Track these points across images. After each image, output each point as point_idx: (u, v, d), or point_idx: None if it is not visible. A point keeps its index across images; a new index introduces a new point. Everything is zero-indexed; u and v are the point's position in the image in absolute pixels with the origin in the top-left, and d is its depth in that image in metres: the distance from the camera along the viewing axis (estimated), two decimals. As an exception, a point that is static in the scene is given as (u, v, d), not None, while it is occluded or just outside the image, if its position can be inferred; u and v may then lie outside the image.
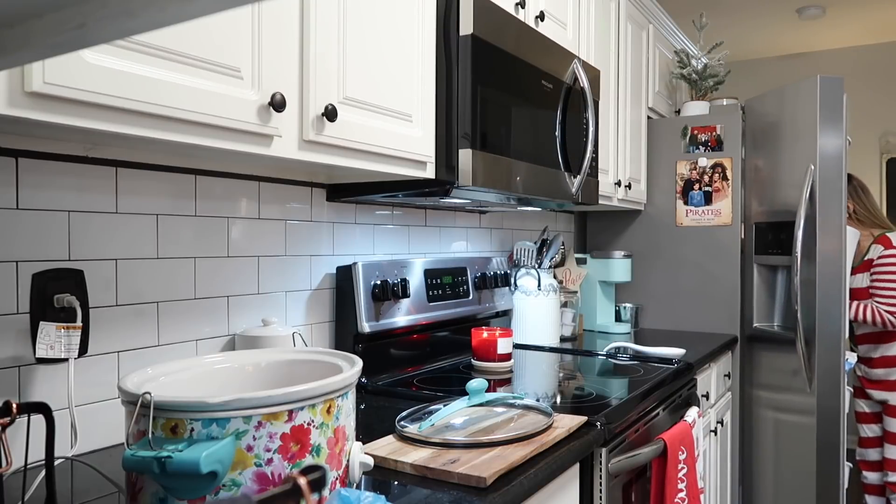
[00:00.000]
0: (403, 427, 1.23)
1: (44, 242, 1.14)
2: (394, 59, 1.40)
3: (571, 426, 1.31)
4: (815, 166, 2.48)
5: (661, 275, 2.93)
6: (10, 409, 0.84)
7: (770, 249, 2.69)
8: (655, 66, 3.02)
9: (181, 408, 0.77)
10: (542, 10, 1.98)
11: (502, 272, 2.24)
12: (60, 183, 1.16)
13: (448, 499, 0.99)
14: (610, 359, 2.09)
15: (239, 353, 1.06)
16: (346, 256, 1.79)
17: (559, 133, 1.90)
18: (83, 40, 0.46)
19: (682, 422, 1.72)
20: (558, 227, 2.98)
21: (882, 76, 4.55)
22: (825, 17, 4.12)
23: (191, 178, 1.38)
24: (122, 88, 0.89)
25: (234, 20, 1.06)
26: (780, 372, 2.66)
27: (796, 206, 2.56)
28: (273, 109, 1.10)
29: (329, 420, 0.85)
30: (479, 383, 1.36)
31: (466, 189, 1.56)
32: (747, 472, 2.81)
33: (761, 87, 4.81)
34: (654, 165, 2.93)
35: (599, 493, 1.40)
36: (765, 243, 2.72)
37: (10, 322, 1.10)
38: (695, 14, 4.04)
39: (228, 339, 1.47)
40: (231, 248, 1.47)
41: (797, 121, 2.58)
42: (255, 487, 0.78)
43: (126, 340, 1.26)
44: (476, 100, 1.53)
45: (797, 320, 2.49)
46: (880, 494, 3.13)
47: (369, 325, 1.68)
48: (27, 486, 1.01)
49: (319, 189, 1.70)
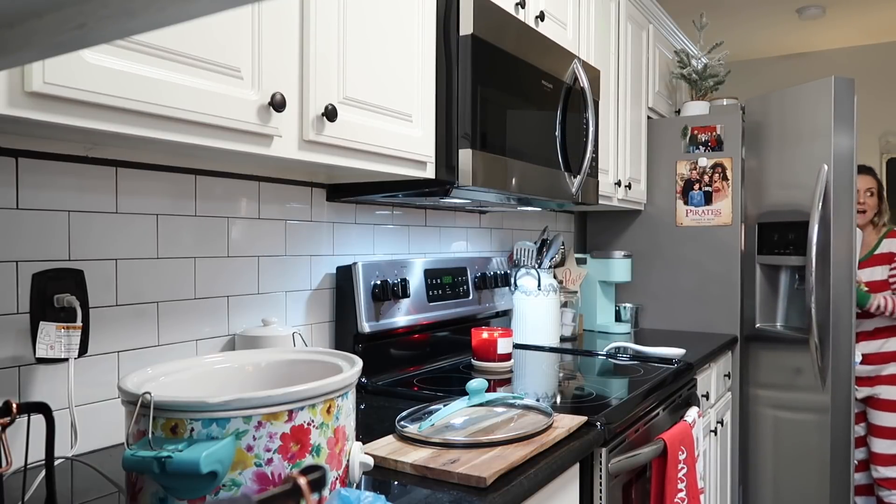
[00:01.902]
0: (403, 427, 1.23)
1: (44, 242, 1.14)
2: (394, 58, 1.40)
3: (571, 426, 1.31)
4: (830, 166, 2.48)
5: (661, 275, 2.93)
6: (10, 409, 0.84)
7: (776, 249, 2.69)
8: (655, 66, 3.02)
9: (181, 408, 0.77)
10: (542, 10, 1.98)
11: (502, 272, 2.24)
12: (60, 183, 1.16)
13: (448, 499, 0.99)
14: (610, 359, 2.09)
15: (239, 353, 1.06)
16: (346, 256, 1.79)
17: (559, 133, 1.90)
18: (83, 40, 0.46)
19: (682, 422, 1.72)
20: (558, 227, 2.98)
21: (882, 76, 4.55)
22: (825, 17, 4.12)
23: (191, 178, 1.38)
24: (122, 88, 0.89)
25: (234, 20, 1.06)
26: (784, 371, 2.66)
27: (804, 206, 2.57)
28: (273, 109, 1.10)
29: (329, 420, 0.85)
30: (479, 383, 1.36)
31: (466, 189, 1.56)
32: (747, 472, 2.81)
33: (761, 87, 4.81)
34: (654, 165, 2.93)
35: (599, 493, 1.40)
36: (769, 243, 2.72)
37: (10, 322, 1.10)
38: (695, 14, 4.03)
39: (228, 339, 1.47)
40: (231, 248, 1.47)
41: (806, 121, 2.57)
42: (255, 487, 0.78)
43: (126, 340, 1.26)
44: (476, 100, 1.53)
45: (811, 319, 2.49)
46: (869, 494, 3.13)
47: (369, 325, 1.68)
48: (27, 486, 1.01)
49: (319, 189, 1.70)
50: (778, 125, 2.69)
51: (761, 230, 2.76)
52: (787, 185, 2.66)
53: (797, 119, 2.61)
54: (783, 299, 2.83)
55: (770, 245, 2.72)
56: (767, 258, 2.74)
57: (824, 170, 2.48)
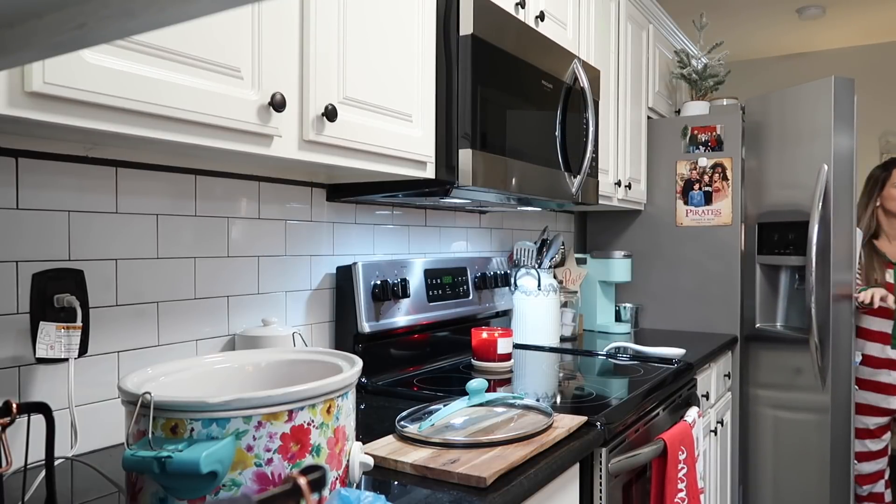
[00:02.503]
0: (403, 427, 1.23)
1: (44, 242, 1.14)
2: (394, 58, 1.40)
3: (571, 426, 1.31)
4: (830, 166, 2.48)
5: (661, 275, 2.93)
6: (10, 409, 0.84)
7: (776, 249, 2.69)
8: (655, 66, 3.02)
9: (181, 408, 0.77)
10: (542, 10, 1.98)
11: (502, 272, 2.24)
12: (60, 183, 1.16)
13: (448, 499, 0.99)
14: (610, 359, 2.09)
15: (239, 353, 1.06)
16: (346, 256, 1.79)
17: (559, 133, 1.90)
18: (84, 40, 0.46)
19: (682, 422, 1.72)
20: (558, 227, 2.98)
21: (882, 76, 4.55)
22: (825, 17, 4.12)
23: (191, 178, 1.38)
24: (122, 88, 0.89)
25: (234, 20, 1.06)
26: (784, 371, 2.66)
27: (804, 206, 2.56)
28: (273, 109, 1.10)
29: (329, 420, 0.85)
30: (479, 383, 1.36)
31: (466, 189, 1.56)
32: (747, 472, 2.81)
33: (761, 87, 4.81)
34: (654, 165, 2.93)
35: (599, 493, 1.40)
36: (770, 243, 2.72)
37: (10, 322, 1.10)
38: (695, 14, 4.03)
39: (228, 339, 1.47)
40: (231, 248, 1.47)
41: (806, 121, 2.57)
42: (255, 487, 0.78)
43: (126, 340, 1.26)
44: (476, 100, 1.53)
45: (811, 319, 2.49)
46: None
47: (369, 325, 1.68)
48: (27, 486, 1.01)
49: (319, 189, 1.70)
50: (778, 125, 2.69)
51: (761, 230, 2.76)
52: (787, 185, 2.66)
53: (797, 119, 2.61)
54: (783, 299, 2.83)
55: (770, 245, 2.72)
56: (767, 258, 2.74)
57: (824, 170, 2.49)
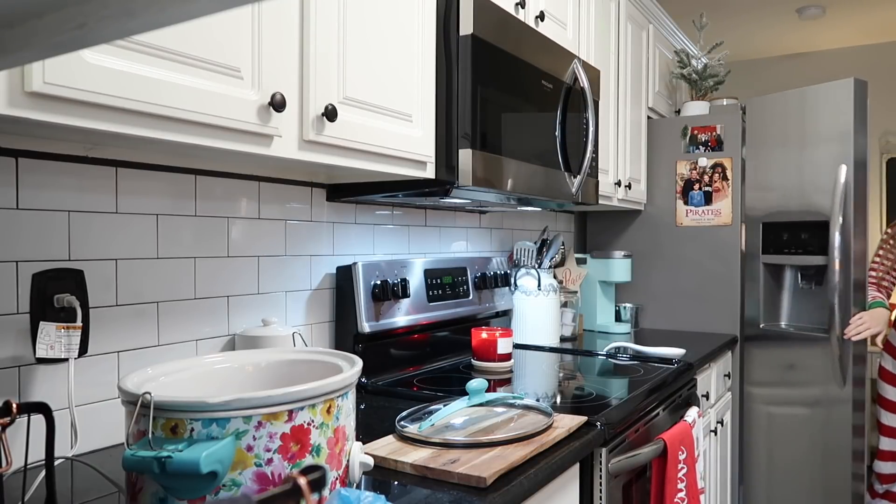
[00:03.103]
0: (403, 427, 1.23)
1: (44, 242, 1.14)
2: (394, 58, 1.40)
3: (571, 426, 1.31)
4: (850, 167, 2.49)
5: (661, 275, 2.93)
6: (10, 409, 0.84)
7: (784, 249, 2.69)
8: (655, 66, 3.02)
9: (181, 408, 0.77)
10: (542, 10, 1.98)
11: (502, 272, 2.24)
12: (60, 183, 1.16)
13: (448, 499, 0.99)
14: (610, 359, 2.09)
15: (239, 353, 1.06)
16: (345, 256, 1.79)
17: (559, 133, 1.90)
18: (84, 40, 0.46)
19: (682, 422, 1.72)
20: (558, 227, 2.98)
21: (882, 76, 4.55)
22: (825, 17, 4.12)
23: (191, 178, 1.38)
24: (122, 88, 0.89)
25: (234, 20, 1.06)
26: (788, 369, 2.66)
27: (817, 206, 2.58)
28: (273, 109, 1.10)
29: (329, 420, 0.85)
30: (479, 383, 1.36)
31: (466, 189, 1.56)
32: (747, 472, 2.81)
33: (761, 87, 4.81)
34: (654, 165, 2.93)
35: (599, 493, 1.40)
36: (778, 243, 2.72)
37: (10, 322, 1.10)
38: (695, 14, 4.04)
39: (228, 339, 1.47)
40: (231, 248, 1.47)
41: (820, 121, 2.58)
42: (255, 487, 0.78)
43: (126, 340, 1.26)
44: (476, 100, 1.53)
45: (833, 317, 2.49)
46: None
47: (369, 325, 1.68)
48: (27, 486, 1.01)
49: (319, 189, 1.70)
50: (778, 125, 2.69)
51: (766, 230, 2.76)
52: (797, 186, 2.66)
53: (809, 120, 2.61)
54: (787, 299, 2.83)
55: (779, 244, 2.73)
56: (773, 257, 2.74)
57: (843, 170, 2.50)
